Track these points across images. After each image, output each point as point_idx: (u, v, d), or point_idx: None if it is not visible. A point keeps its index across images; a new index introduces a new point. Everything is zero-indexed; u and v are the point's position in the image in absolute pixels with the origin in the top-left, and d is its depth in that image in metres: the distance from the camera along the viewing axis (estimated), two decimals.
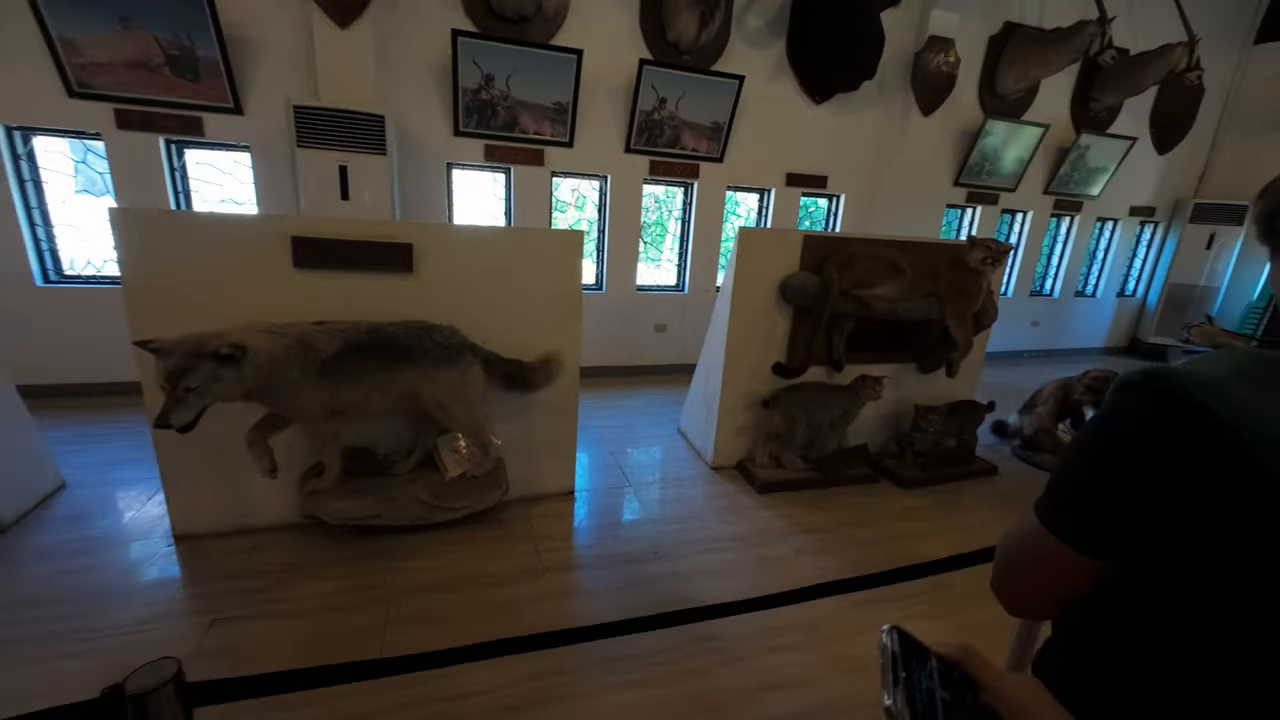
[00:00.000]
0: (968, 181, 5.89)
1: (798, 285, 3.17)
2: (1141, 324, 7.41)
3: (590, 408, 4.41)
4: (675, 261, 5.44)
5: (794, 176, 5.33)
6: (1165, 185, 6.91)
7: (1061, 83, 5.94)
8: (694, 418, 3.82)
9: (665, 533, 2.82)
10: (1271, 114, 6.47)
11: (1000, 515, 3.20)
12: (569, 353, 2.82)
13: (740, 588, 2.44)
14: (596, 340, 5.12)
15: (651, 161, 4.88)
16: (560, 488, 3.09)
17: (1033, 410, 3.98)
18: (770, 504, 3.16)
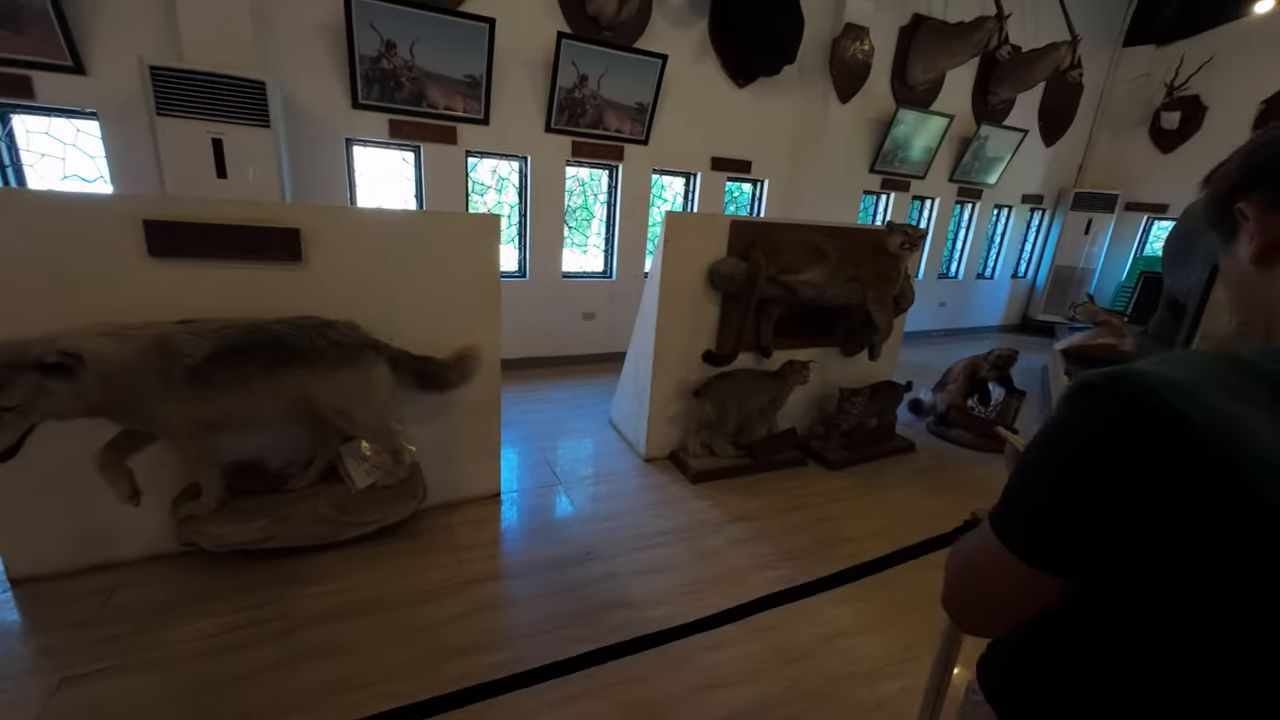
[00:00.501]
0: (882, 169, 6.12)
1: (726, 272, 3.12)
2: (1031, 303, 8.09)
3: (516, 402, 4.21)
4: (602, 247, 5.28)
5: (719, 161, 5.30)
6: (1051, 175, 7.53)
7: (964, 76, 6.27)
8: (625, 409, 3.72)
9: (599, 532, 2.71)
10: (1137, 112, 7.18)
11: (919, 491, 3.34)
12: (488, 346, 2.61)
13: (677, 583, 2.38)
14: (521, 330, 4.89)
15: (574, 142, 4.67)
16: (484, 491, 2.90)
17: (944, 388, 4.19)
18: (704, 493, 3.13)
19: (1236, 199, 0.60)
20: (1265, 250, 0.57)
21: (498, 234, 2.57)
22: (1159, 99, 6.86)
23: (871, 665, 2.04)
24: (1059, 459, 0.60)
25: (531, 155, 4.59)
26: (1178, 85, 6.65)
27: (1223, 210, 0.62)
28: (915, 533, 2.90)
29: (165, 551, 2.26)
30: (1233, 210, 0.60)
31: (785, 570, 2.53)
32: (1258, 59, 6.12)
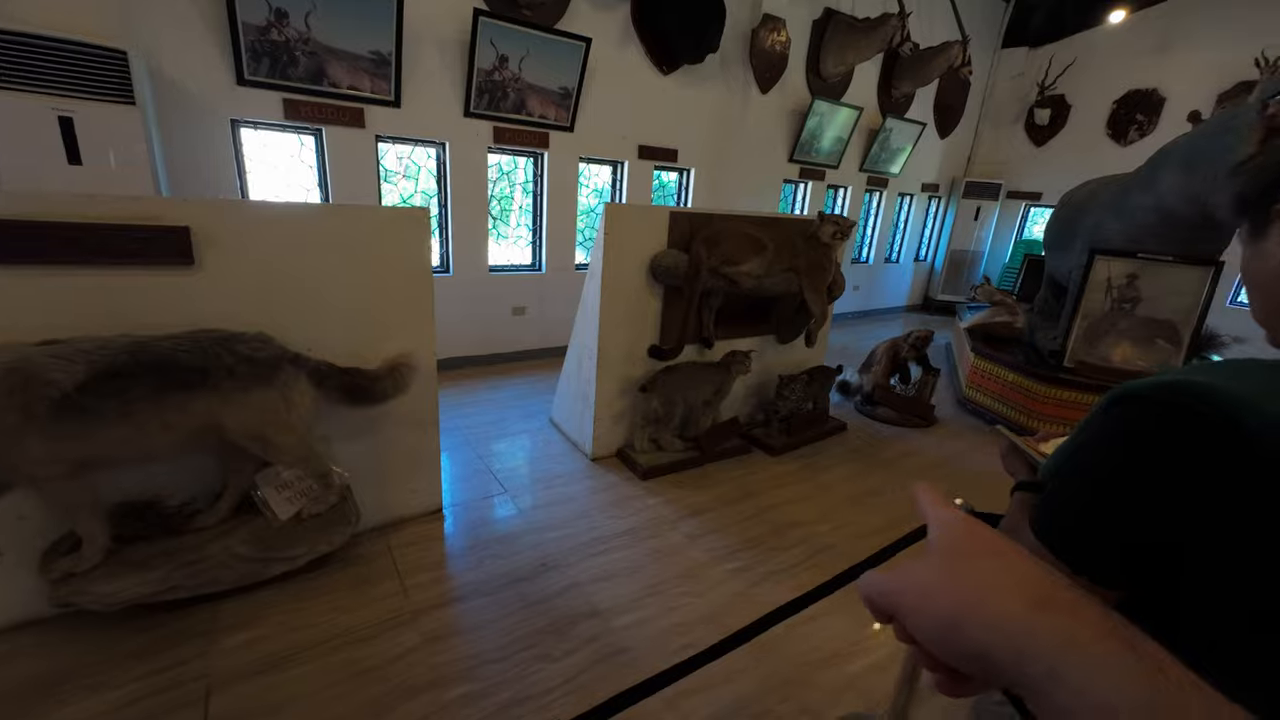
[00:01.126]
0: (800, 158, 6.32)
1: (668, 264, 3.07)
2: (931, 284, 8.77)
3: (449, 406, 3.95)
4: (529, 239, 5.07)
5: (646, 149, 5.23)
6: (945, 166, 8.15)
7: (870, 70, 6.59)
8: (568, 408, 3.60)
9: (552, 540, 2.60)
10: (1014, 109, 7.91)
11: (855, 470, 3.50)
12: (422, 352, 2.40)
13: (640, 586, 2.33)
14: (449, 329, 4.59)
15: (496, 128, 4.42)
16: (425, 507, 2.69)
17: (870, 369, 4.43)
18: (655, 489, 3.09)
19: (1277, 195, 0.60)
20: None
21: (427, 229, 2.36)
22: (1033, 97, 7.59)
23: (835, 647, 2.10)
24: (1108, 471, 0.59)
25: (450, 141, 4.28)
26: (1047, 85, 7.39)
27: (1259, 205, 0.63)
28: (858, 512, 3.06)
29: (39, 617, 1.89)
30: (1269, 206, 0.61)
31: (743, 561, 2.55)
32: (1111, 63, 6.92)
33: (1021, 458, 0.93)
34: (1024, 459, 0.92)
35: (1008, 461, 0.96)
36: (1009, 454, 0.95)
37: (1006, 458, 0.96)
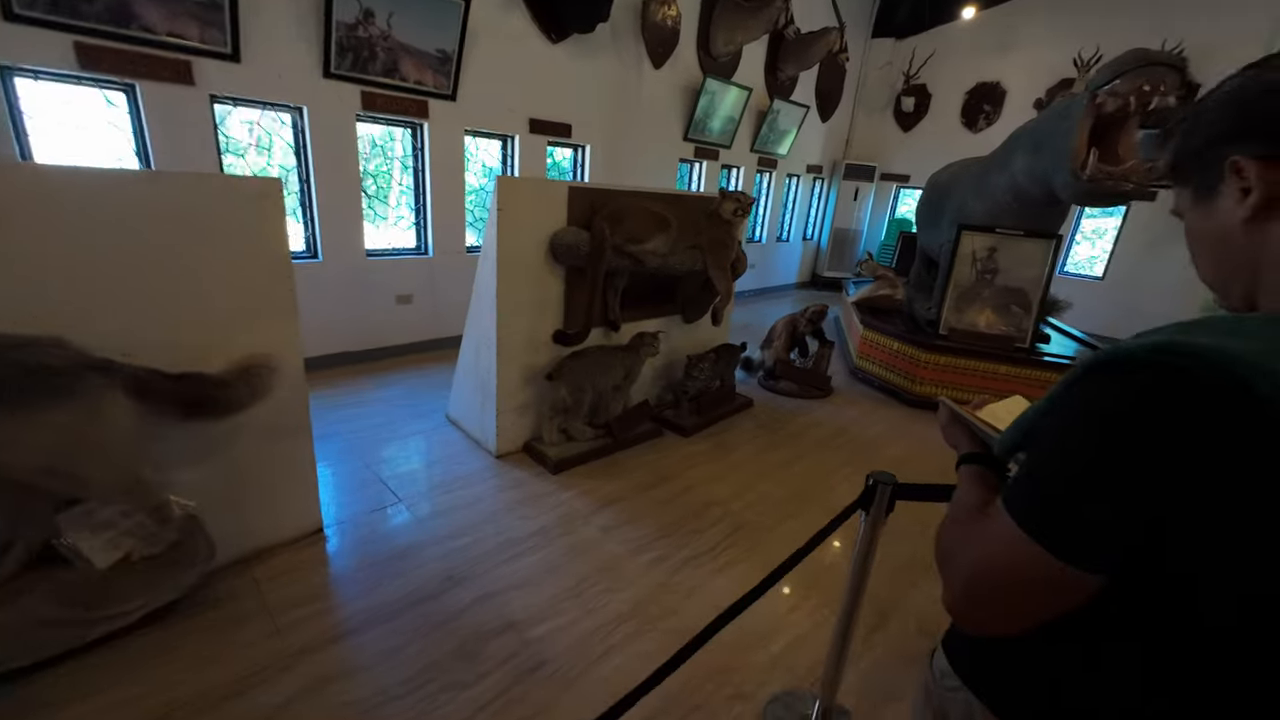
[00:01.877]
0: (695, 137, 6.33)
1: (569, 242, 2.88)
2: (818, 261, 9.29)
3: (327, 409, 3.51)
4: (413, 220, 4.60)
5: (538, 123, 4.93)
6: (827, 148, 8.60)
7: (758, 51, 6.72)
8: (467, 402, 3.32)
9: (457, 550, 2.36)
10: (883, 96, 8.49)
11: (763, 445, 3.57)
12: (285, 349, 2.04)
13: (557, 590, 2.18)
14: (322, 322, 4.08)
15: (365, 93, 3.91)
16: (300, 529, 2.32)
17: (770, 345, 4.55)
18: (567, 483, 2.94)
19: (1225, 151, 0.57)
20: (1263, 206, 0.55)
21: (281, 204, 1.98)
22: (899, 85, 8.19)
23: (761, 626, 2.09)
24: (1103, 445, 0.52)
25: (309, 106, 3.73)
26: (911, 74, 7.99)
27: (1204, 162, 0.60)
28: (771, 485, 3.11)
29: None
30: (1219, 163, 0.57)
31: (662, 549, 2.48)
32: (963, 57, 7.62)
33: (963, 428, 0.88)
34: (966, 429, 0.88)
35: (949, 433, 0.91)
36: (950, 424, 0.91)
37: (947, 429, 0.91)
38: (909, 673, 1.94)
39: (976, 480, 0.79)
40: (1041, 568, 0.56)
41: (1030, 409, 0.65)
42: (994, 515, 0.61)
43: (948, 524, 0.74)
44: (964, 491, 0.78)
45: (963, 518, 0.71)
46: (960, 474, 0.83)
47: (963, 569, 0.63)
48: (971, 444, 0.86)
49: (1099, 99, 3.30)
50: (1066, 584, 0.55)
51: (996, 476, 0.82)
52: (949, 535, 0.70)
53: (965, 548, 0.64)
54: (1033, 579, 0.57)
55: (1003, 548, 0.59)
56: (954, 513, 0.75)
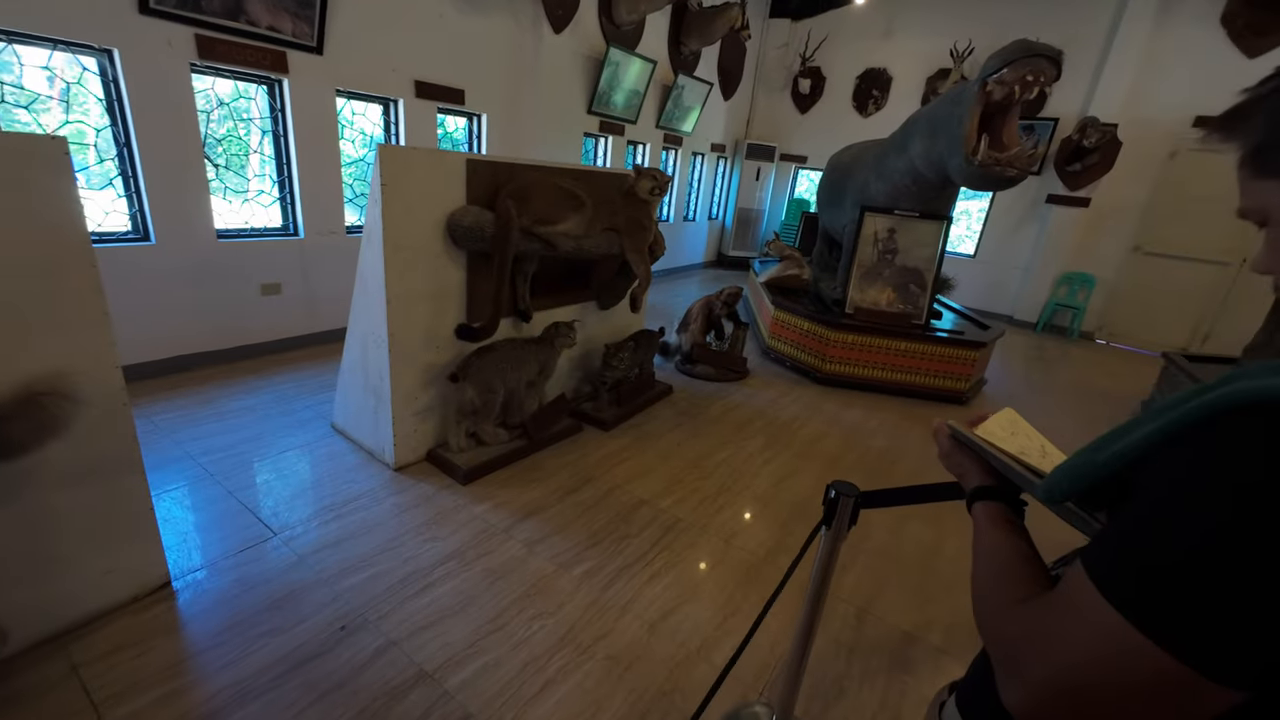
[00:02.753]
0: (599, 110, 6.02)
1: (471, 224, 2.53)
2: (724, 241, 9.39)
3: (176, 425, 2.90)
4: (277, 195, 3.93)
5: (425, 86, 4.39)
6: (730, 127, 8.62)
7: (661, 22, 6.49)
8: (355, 409, 2.88)
9: (352, 589, 2.01)
10: (781, 77, 8.64)
11: (687, 434, 3.46)
12: (90, 364, 1.56)
13: (478, 624, 1.91)
14: (161, 318, 3.37)
15: (200, 37, 3.21)
16: (135, 589, 1.85)
17: (687, 328, 4.45)
18: (480, 494, 2.64)
19: None
20: None
21: (67, 167, 1.47)
22: (796, 67, 8.35)
23: (701, 636, 1.97)
24: (1244, 534, 0.39)
25: (121, 50, 2.98)
26: (807, 57, 8.18)
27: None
28: (698, 477, 3.00)
29: None
30: None
31: (593, 560, 2.29)
32: (854, 42, 7.90)
33: (972, 456, 0.75)
34: (975, 458, 0.75)
35: (953, 461, 0.78)
36: (955, 453, 0.78)
37: (951, 456, 0.78)
38: (852, 664, 1.91)
39: (1007, 527, 0.66)
40: (1169, 679, 0.42)
41: (1102, 450, 0.51)
42: (1078, 597, 0.47)
43: (993, 590, 0.60)
44: (997, 543, 0.64)
45: (1015, 587, 0.57)
46: (980, 516, 0.70)
47: (1048, 669, 0.48)
48: (983, 475, 0.74)
49: (988, 87, 3.45)
50: (1200, 697, 0.42)
51: (1018, 515, 0.70)
52: (1003, 612, 0.56)
53: (1042, 637, 0.50)
54: (1154, 693, 0.43)
55: (1108, 648, 0.44)
56: (995, 574, 0.61)
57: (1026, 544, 0.63)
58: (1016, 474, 0.66)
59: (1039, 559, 0.61)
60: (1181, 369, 4.17)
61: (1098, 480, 0.51)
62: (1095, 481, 0.51)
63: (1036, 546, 0.64)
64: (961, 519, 2.83)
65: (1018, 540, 0.63)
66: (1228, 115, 0.51)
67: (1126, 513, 0.48)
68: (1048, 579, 0.57)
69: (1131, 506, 0.47)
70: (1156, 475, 0.46)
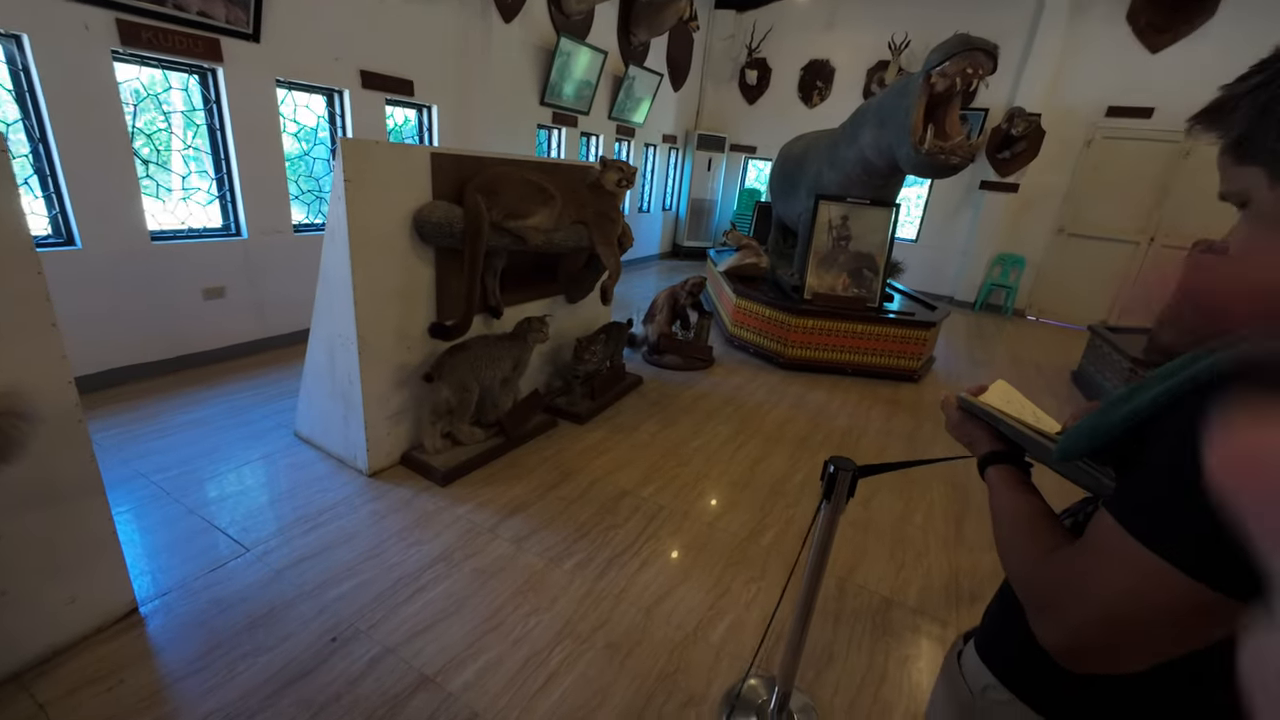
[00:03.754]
0: (552, 101, 5.93)
1: (439, 220, 2.46)
2: (679, 231, 9.47)
3: (122, 442, 2.72)
4: (215, 193, 3.68)
5: (372, 77, 4.21)
6: (680, 117, 8.68)
7: (610, 13, 6.44)
8: (322, 414, 2.76)
9: (338, 600, 1.94)
10: (728, 68, 8.75)
11: (660, 423, 3.51)
12: (44, 379, 1.44)
13: (474, 624, 1.90)
14: (92, 328, 3.13)
15: (122, 22, 2.96)
16: (102, 617, 1.73)
17: (653, 319, 4.49)
18: (461, 494, 2.60)
19: None
20: None
21: (4, 164, 1.34)
22: (743, 58, 8.48)
23: (696, 618, 2.02)
24: None
25: (31, 35, 2.72)
26: (753, 48, 8.31)
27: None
28: (676, 464, 3.06)
29: None
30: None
31: (583, 552, 2.30)
32: (798, 33, 8.09)
33: (981, 425, 0.82)
34: (985, 426, 0.81)
35: (962, 430, 0.85)
36: (964, 423, 0.84)
37: (960, 427, 0.85)
38: (838, 631, 2.01)
39: (1022, 488, 0.73)
40: (1188, 597, 0.48)
41: (1111, 413, 0.57)
42: (1107, 540, 0.53)
43: (1021, 544, 0.66)
44: (1017, 503, 0.70)
45: (1042, 539, 0.63)
46: (995, 479, 0.76)
47: (1087, 606, 0.54)
48: (992, 441, 0.80)
49: (932, 79, 3.63)
50: (1211, 611, 0.49)
51: (1028, 475, 0.77)
52: (1036, 562, 0.62)
53: (1079, 580, 0.55)
54: (1176, 610, 0.49)
55: (1137, 580, 0.50)
56: (1021, 530, 0.67)
57: (1042, 501, 0.69)
58: (1027, 438, 0.72)
59: (1054, 514, 0.68)
60: (1105, 340, 4.55)
61: (1111, 438, 0.57)
62: (1109, 439, 0.58)
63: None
64: (925, 489, 3.01)
65: (1034, 498, 0.69)
66: (1212, 108, 0.58)
67: (1143, 466, 0.54)
68: (1067, 531, 0.63)
69: (1146, 459, 0.53)
70: (1164, 432, 0.52)
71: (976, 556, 2.50)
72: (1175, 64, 6.13)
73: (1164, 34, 6.13)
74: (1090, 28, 6.41)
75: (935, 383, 4.72)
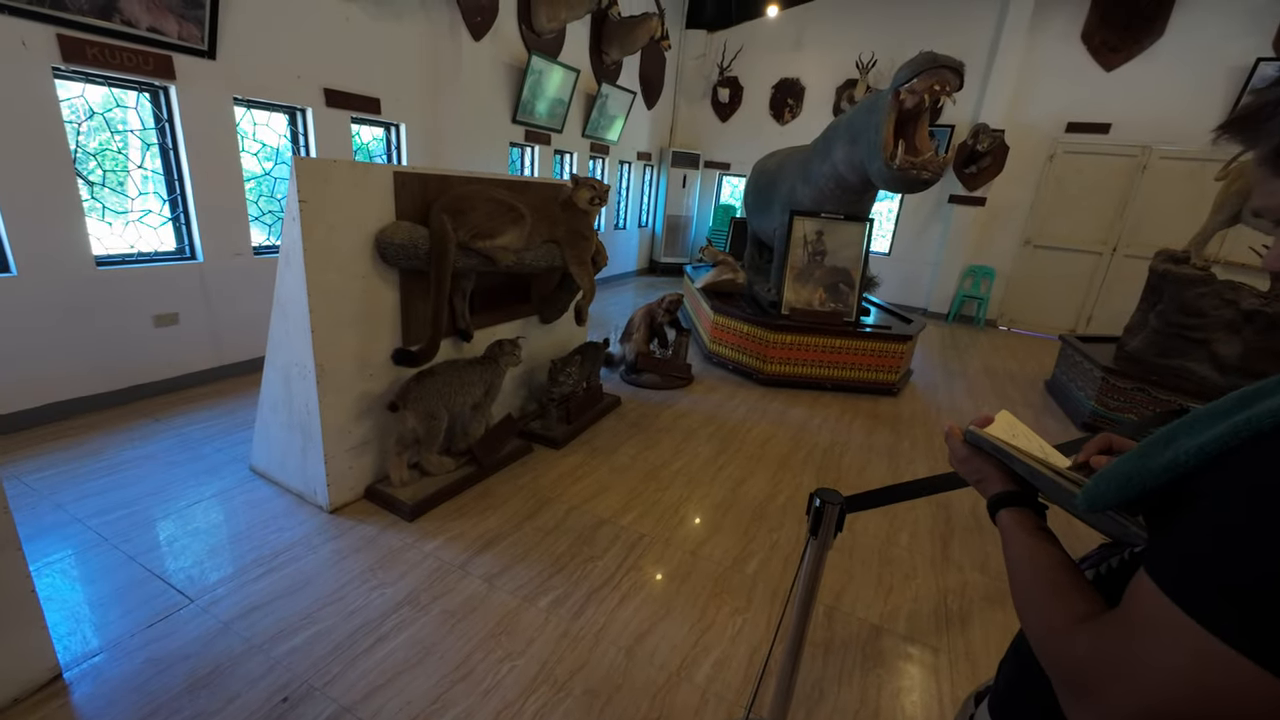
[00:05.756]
0: (524, 119, 5.88)
1: (403, 241, 2.36)
2: (655, 248, 9.46)
3: (58, 483, 2.52)
4: (168, 214, 3.51)
5: (336, 95, 4.10)
6: (654, 135, 8.71)
7: (582, 32, 6.45)
8: (279, 448, 2.60)
9: (292, 654, 1.79)
10: (700, 86, 8.84)
11: (640, 445, 3.41)
12: None
13: (441, 674, 1.76)
14: (31, 360, 2.92)
15: (64, 38, 2.82)
16: (21, 686, 1.55)
17: (630, 338, 4.41)
18: (429, 529, 2.46)
19: None
20: None
21: None
22: (715, 77, 8.58)
23: (680, 657, 1.91)
24: None
25: None
26: (725, 67, 8.42)
27: None
28: (657, 489, 2.95)
29: None
30: None
31: (559, 589, 2.18)
32: (768, 53, 8.22)
33: (991, 461, 0.74)
34: (995, 463, 0.74)
35: (970, 466, 0.77)
36: (972, 458, 0.76)
37: (969, 461, 0.77)
38: (828, 664, 1.92)
39: (1040, 535, 0.65)
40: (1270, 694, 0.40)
41: (1152, 457, 0.50)
42: (1157, 616, 0.45)
43: (1044, 605, 0.57)
44: (1035, 553, 0.63)
45: (1068, 601, 0.55)
46: (1009, 524, 0.68)
47: (1138, 697, 0.45)
48: (1004, 480, 0.73)
49: (901, 95, 3.67)
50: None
51: (1043, 519, 0.69)
52: (1063, 629, 0.54)
53: (1124, 662, 0.47)
54: (1265, 716, 0.41)
55: (1208, 676, 0.41)
56: (1042, 587, 0.59)
57: (1063, 552, 0.62)
58: (1046, 480, 0.65)
59: (1078, 567, 0.60)
60: (1076, 349, 4.61)
61: (1149, 487, 0.50)
62: (1146, 489, 0.50)
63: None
64: (909, 508, 2.95)
65: (1055, 549, 0.62)
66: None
67: (1194, 522, 0.46)
68: (1096, 592, 0.56)
69: (1198, 515, 0.46)
70: (1227, 483, 0.45)
71: (965, 575, 2.45)
72: (1130, 81, 6.36)
73: (1118, 53, 6.37)
74: (1048, 47, 6.63)
75: (914, 395, 4.72)
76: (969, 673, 1.94)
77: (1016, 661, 0.70)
